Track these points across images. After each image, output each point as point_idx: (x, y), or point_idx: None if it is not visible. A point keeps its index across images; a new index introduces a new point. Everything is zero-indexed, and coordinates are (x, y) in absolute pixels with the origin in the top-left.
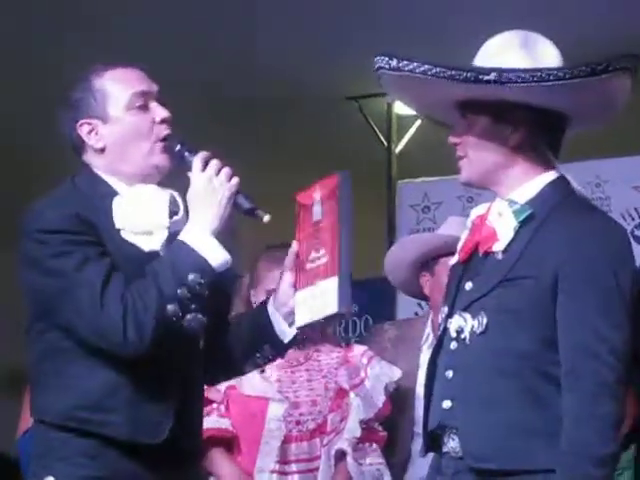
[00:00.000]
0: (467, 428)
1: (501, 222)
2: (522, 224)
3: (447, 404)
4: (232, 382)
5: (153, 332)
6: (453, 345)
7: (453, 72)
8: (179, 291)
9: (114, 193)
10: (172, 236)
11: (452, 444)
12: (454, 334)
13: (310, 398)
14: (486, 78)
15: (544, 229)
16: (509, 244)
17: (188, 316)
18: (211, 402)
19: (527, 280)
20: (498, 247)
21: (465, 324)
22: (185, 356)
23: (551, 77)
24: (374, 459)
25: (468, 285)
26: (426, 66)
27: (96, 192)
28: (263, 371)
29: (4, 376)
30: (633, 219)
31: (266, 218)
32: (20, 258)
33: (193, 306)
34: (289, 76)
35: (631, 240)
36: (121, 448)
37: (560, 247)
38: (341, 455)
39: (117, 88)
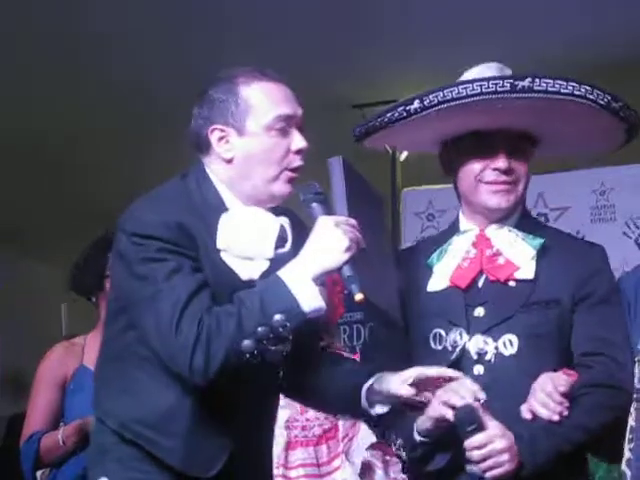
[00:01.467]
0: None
1: (515, 252)
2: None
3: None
4: None
5: (221, 364)
6: (477, 368)
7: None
8: (260, 329)
9: (224, 208)
10: (273, 268)
11: None
12: (475, 356)
13: None
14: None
15: (549, 253)
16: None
17: (272, 348)
18: None
19: (551, 304)
20: (523, 275)
21: (486, 346)
22: (259, 389)
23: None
24: (397, 474)
25: (479, 311)
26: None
27: (206, 201)
28: None
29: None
30: (638, 227)
31: (358, 297)
32: (114, 250)
33: (272, 347)
34: (294, 84)
35: (636, 248)
36: (172, 470)
37: (575, 270)
38: (368, 467)
39: (263, 104)
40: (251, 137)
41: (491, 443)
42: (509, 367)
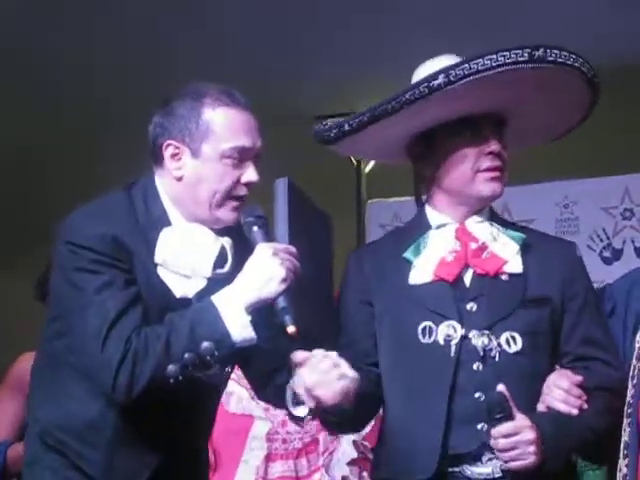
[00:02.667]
0: None
1: (500, 246)
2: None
3: (482, 426)
4: None
5: (144, 386)
6: (477, 365)
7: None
8: (187, 355)
9: (167, 222)
10: (210, 288)
11: (490, 466)
12: (481, 352)
13: None
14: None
15: (530, 250)
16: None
17: (213, 369)
18: None
19: (543, 301)
20: (512, 269)
21: (491, 343)
22: (194, 406)
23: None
24: None
25: (471, 305)
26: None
27: (151, 215)
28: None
29: None
30: (602, 240)
31: (290, 329)
32: (53, 256)
33: (198, 374)
34: (257, 94)
35: (599, 261)
36: None
37: (560, 268)
38: None
39: (223, 132)
40: (204, 161)
41: (519, 434)
42: (513, 365)
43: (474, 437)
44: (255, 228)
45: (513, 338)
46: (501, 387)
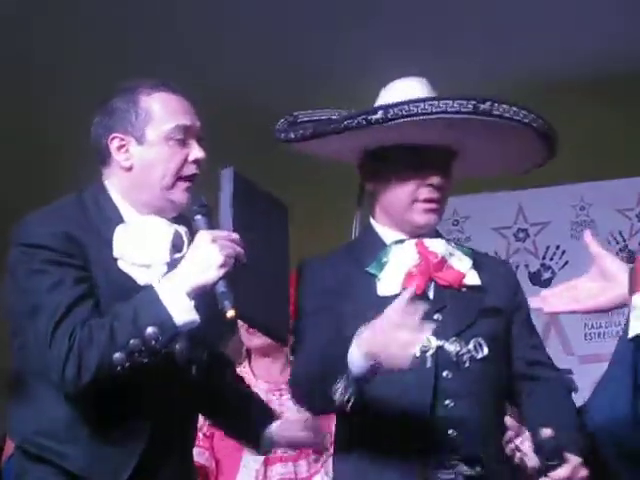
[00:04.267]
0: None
1: (457, 260)
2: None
3: (452, 433)
4: None
5: (93, 375)
6: (446, 373)
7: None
8: (132, 341)
9: (120, 220)
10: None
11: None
12: (454, 358)
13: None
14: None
15: (480, 265)
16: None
17: (178, 346)
18: None
19: (498, 311)
20: (471, 281)
21: (462, 349)
22: (168, 389)
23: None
24: None
25: (437, 316)
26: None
27: (102, 213)
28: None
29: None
30: (617, 242)
31: (229, 313)
32: (7, 268)
33: (144, 359)
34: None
35: None
36: None
37: (505, 282)
38: None
39: (162, 114)
40: (150, 146)
41: (575, 475)
42: (481, 371)
43: (446, 445)
44: (198, 217)
45: (480, 345)
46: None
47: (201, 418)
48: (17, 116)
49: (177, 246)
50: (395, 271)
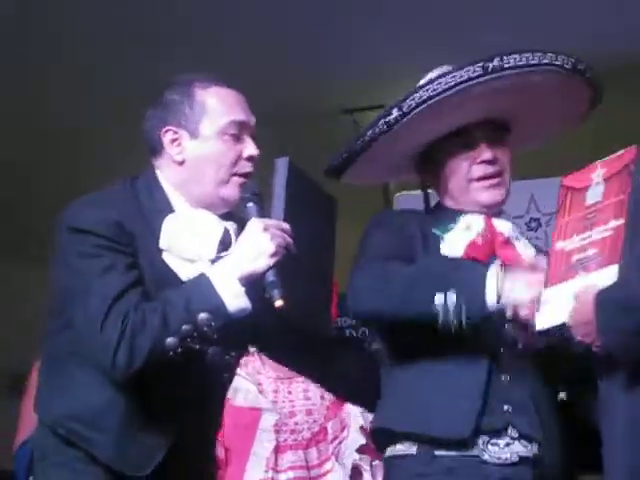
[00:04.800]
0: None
1: (522, 247)
2: None
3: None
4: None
5: (144, 360)
6: (506, 350)
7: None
8: (184, 327)
9: (171, 210)
10: None
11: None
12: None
13: (305, 407)
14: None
15: None
16: None
17: (210, 350)
18: None
19: None
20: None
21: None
22: (201, 390)
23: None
24: None
25: None
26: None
27: (154, 204)
28: (260, 384)
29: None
30: None
31: (278, 303)
32: (53, 250)
33: (196, 346)
34: (284, 89)
35: None
36: (112, 472)
37: None
38: (356, 472)
39: (218, 108)
40: (204, 140)
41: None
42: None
43: (501, 417)
44: (250, 204)
45: None
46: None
47: None
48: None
49: (225, 244)
50: (460, 235)
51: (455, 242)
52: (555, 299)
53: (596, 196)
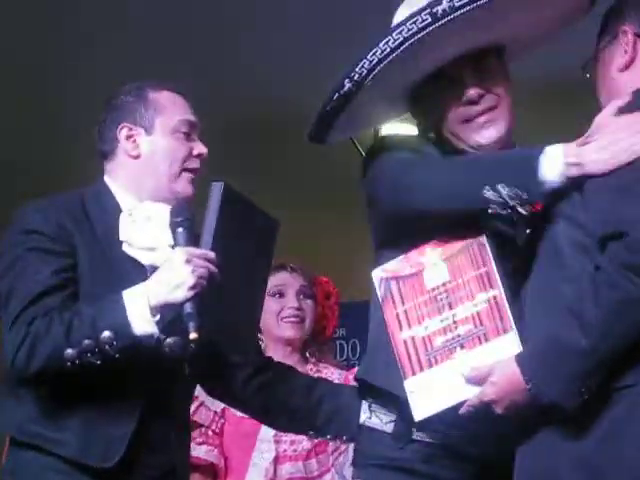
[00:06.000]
0: None
1: None
2: None
3: None
4: None
5: (41, 366)
6: None
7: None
8: (86, 341)
9: (119, 211)
10: None
11: None
12: None
13: None
14: None
15: None
16: None
17: (169, 339)
18: (200, 425)
19: None
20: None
21: None
22: (160, 380)
23: None
24: None
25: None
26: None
27: (99, 207)
28: None
29: None
30: None
31: (192, 335)
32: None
33: (97, 361)
34: (277, 99)
35: None
36: (82, 469)
37: None
38: None
39: (170, 108)
40: (158, 136)
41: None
42: None
43: None
44: (180, 229)
45: None
46: None
47: (211, 414)
48: None
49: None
50: None
51: None
52: (428, 385)
53: (440, 277)
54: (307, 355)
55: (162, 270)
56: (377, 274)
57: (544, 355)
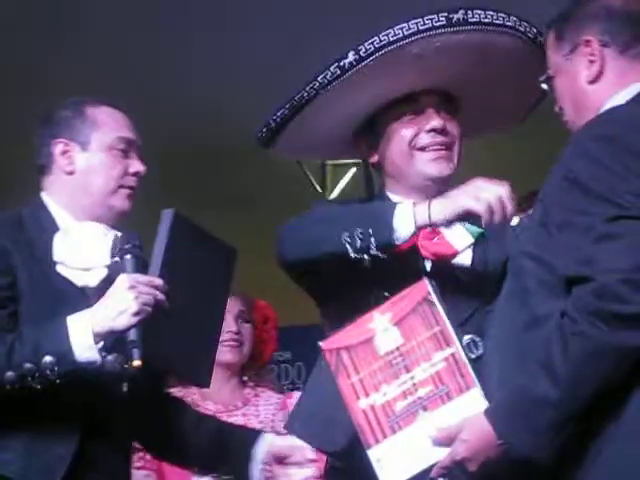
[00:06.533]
0: None
1: (452, 235)
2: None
3: None
4: None
5: None
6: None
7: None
8: (27, 365)
9: (55, 229)
10: (112, 277)
11: None
12: (473, 355)
13: None
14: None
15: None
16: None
17: (109, 357)
18: (138, 450)
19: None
20: (462, 261)
21: (478, 341)
22: (98, 400)
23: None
24: None
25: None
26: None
27: (37, 225)
28: None
29: None
30: None
31: (135, 363)
32: None
33: (37, 386)
34: (219, 120)
35: None
36: None
37: None
38: None
39: (108, 125)
40: (93, 153)
41: None
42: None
43: None
44: (127, 256)
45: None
46: None
47: None
48: None
49: (117, 249)
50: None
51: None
52: (393, 452)
53: (392, 342)
54: (245, 379)
55: (106, 297)
56: (327, 346)
57: (514, 408)
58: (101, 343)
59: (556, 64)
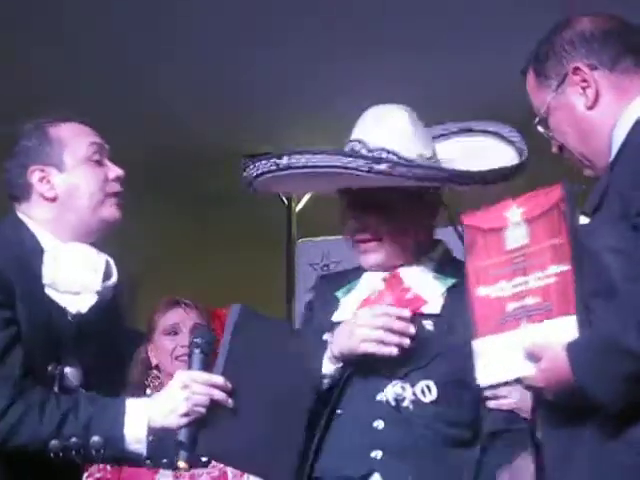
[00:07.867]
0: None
1: (425, 288)
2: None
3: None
4: None
5: (21, 444)
6: (387, 412)
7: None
8: (74, 439)
9: (42, 250)
10: (102, 302)
11: None
12: (393, 402)
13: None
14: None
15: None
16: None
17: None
18: None
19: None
20: (430, 310)
21: (403, 392)
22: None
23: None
24: None
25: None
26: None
27: (23, 245)
28: None
29: None
30: None
31: (180, 464)
32: None
33: (77, 460)
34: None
35: None
36: None
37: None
38: None
39: (75, 139)
40: (71, 171)
41: None
42: (426, 412)
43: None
44: (196, 351)
45: (429, 386)
46: None
47: None
48: None
49: (108, 274)
50: (356, 296)
51: (349, 304)
52: (494, 351)
53: (519, 239)
54: None
55: (162, 392)
56: (468, 222)
57: (596, 351)
58: (151, 437)
59: (546, 103)
